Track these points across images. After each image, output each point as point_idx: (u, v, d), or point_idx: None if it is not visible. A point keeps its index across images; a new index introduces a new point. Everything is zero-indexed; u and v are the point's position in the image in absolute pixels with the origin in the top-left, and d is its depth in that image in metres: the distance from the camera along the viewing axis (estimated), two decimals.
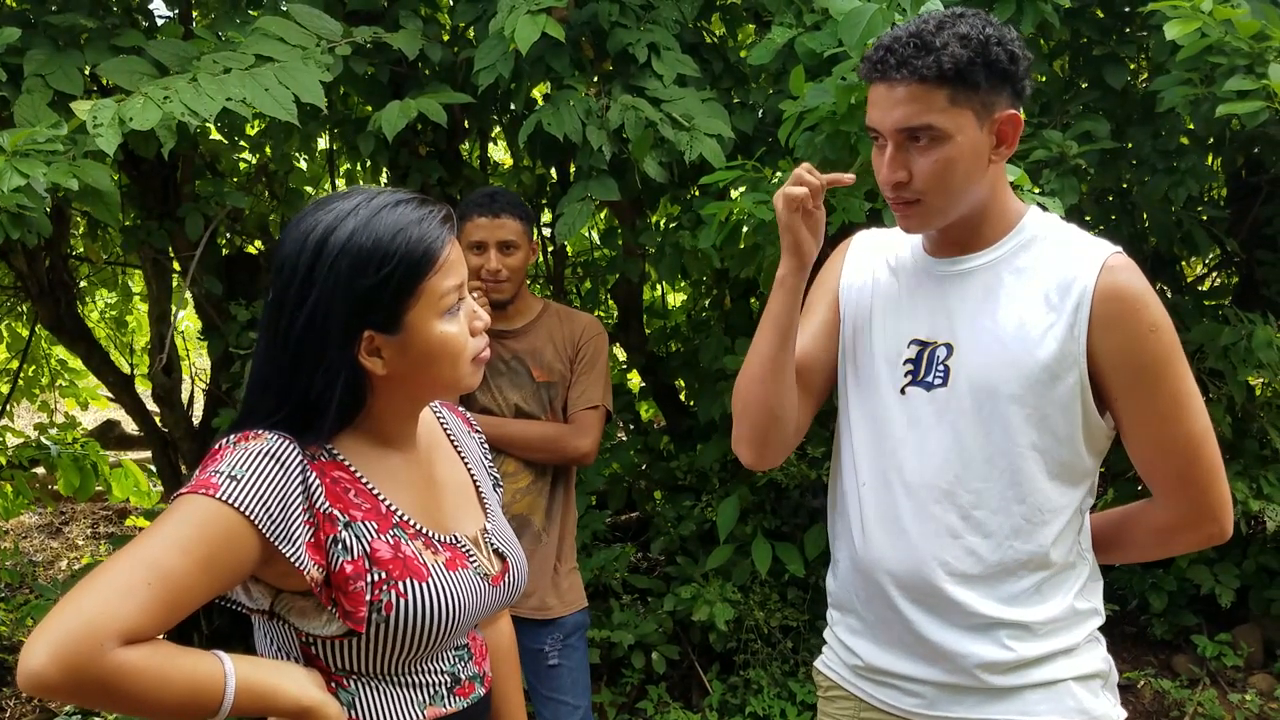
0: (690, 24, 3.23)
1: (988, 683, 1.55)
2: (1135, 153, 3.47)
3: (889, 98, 1.47)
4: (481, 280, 2.51)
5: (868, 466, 1.64)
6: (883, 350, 1.63)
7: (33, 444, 4.78)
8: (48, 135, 2.30)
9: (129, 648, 1.08)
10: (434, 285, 1.26)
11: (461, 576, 1.33)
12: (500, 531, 1.47)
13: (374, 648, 1.27)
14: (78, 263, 4.48)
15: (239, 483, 1.16)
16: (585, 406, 2.61)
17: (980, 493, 1.53)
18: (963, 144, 1.47)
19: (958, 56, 1.42)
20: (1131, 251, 4.32)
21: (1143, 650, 4.25)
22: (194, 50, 2.72)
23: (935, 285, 1.60)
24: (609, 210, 3.95)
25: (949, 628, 1.56)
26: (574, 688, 2.63)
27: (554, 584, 2.61)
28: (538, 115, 2.80)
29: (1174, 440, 1.52)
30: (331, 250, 1.22)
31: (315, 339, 1.23)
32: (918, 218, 1.54)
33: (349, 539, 1.24)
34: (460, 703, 1.37)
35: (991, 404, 1.51)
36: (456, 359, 1.30)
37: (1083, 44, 3.51)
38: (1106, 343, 1.47)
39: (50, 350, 5.55)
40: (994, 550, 1.53)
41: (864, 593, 1.66)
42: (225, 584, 1.18)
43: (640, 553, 4.41)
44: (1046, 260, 1.53)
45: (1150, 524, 1.63)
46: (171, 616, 1.12)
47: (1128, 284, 1.47)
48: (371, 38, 2.88)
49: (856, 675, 1.70)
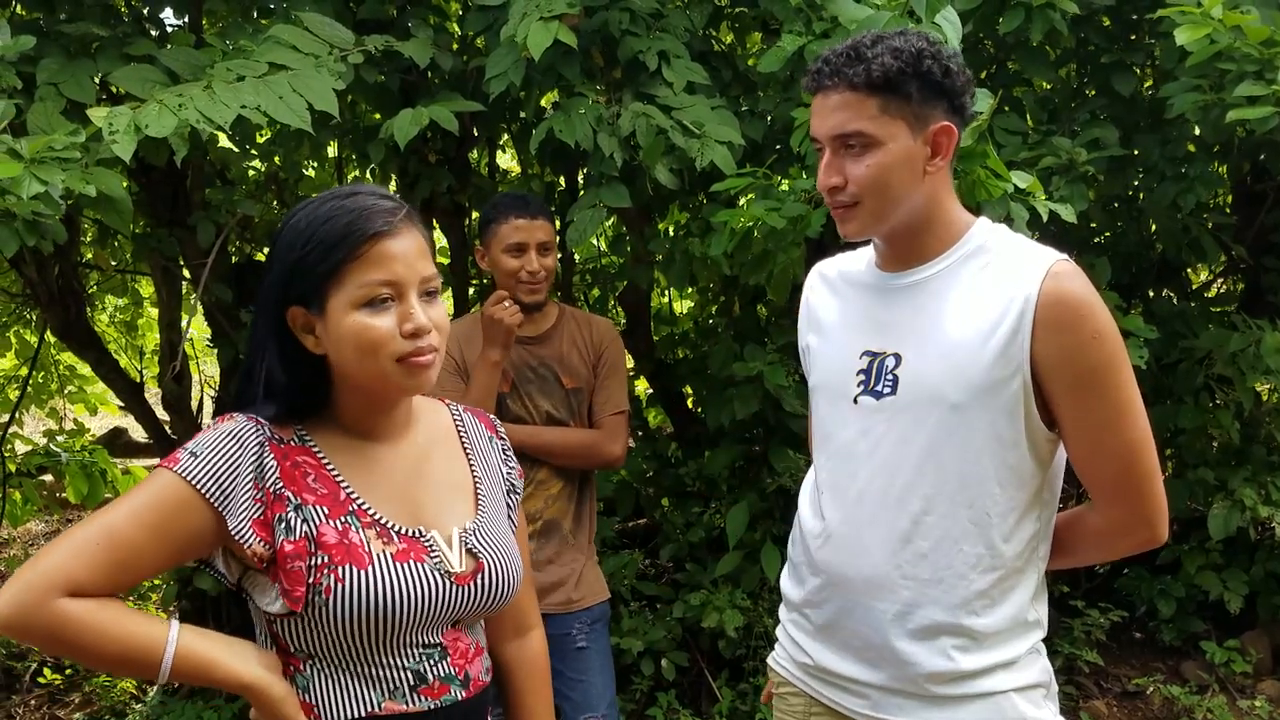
0: (699, 32, 3.25)
1: (931, 691, 1.60)
2: (1143, 159, 3.48)
3: (825, 105, 1.56)
4: (521, 282, 2.53)
5: (825, 474, 1.71)
6: (838, 362, 1.69)
7: (41, 451, 4.79)
8: (65, 142, 2.31)
9: (74, 600, 1.21)
10: (353, 273, 1.30)
11: (412, 569, 1.33)
12: (488, 533, 1.44)
13: (319, 629, 1.31)
14: (87, 270, 4.49)
15: (197, 458, 1.28)
16: (613, 412, 2.66)
17: (930, 498, 1.57)
18: (894, 150, 1.53)
19: (887, 66, 1.50)
20: (1138, 257, 4.31)
21: (1151, 656, 4.25)
22: (206, 58, 2.73)
23: (885, 297, 1.66)
24: (617, 217, 3.96)
25: (897, 634, 1.60)
26: (602, 671, 2.66)
27: (581, 580, 2.65)
28: (549, 122, 2.82)
29: (1113, 446, 1.54)
30: (283, 226, 1.35)
31: (262, 309, 1.35)
32: (855, 221, 1.60)
33: (294, 520, 1.30)
34: (426, 702, 1.37)
35: (939, 411, 1.55)
36: (372, 352, 1.31)
37: (1090, 51, 3.52)
38: (1049, 348, 1.50)
39: (59, 357, 5.56)
40: (943, 554, 1.57)
41: (816, 596, 1.72)
42: (179, 551, 1.28)
43: (649, 559, 4.41)
44: (993, 269, 1.57)
45: (1090, 528, 1.66)
46: (120, 576, 1.24)
47: (1071, 290, 1.51)
48: (383, 46, 2.89)
49: (805, 673, 1.76)
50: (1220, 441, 4.03)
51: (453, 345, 2.57)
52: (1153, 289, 4.25)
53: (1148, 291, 4.21)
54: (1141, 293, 4.18)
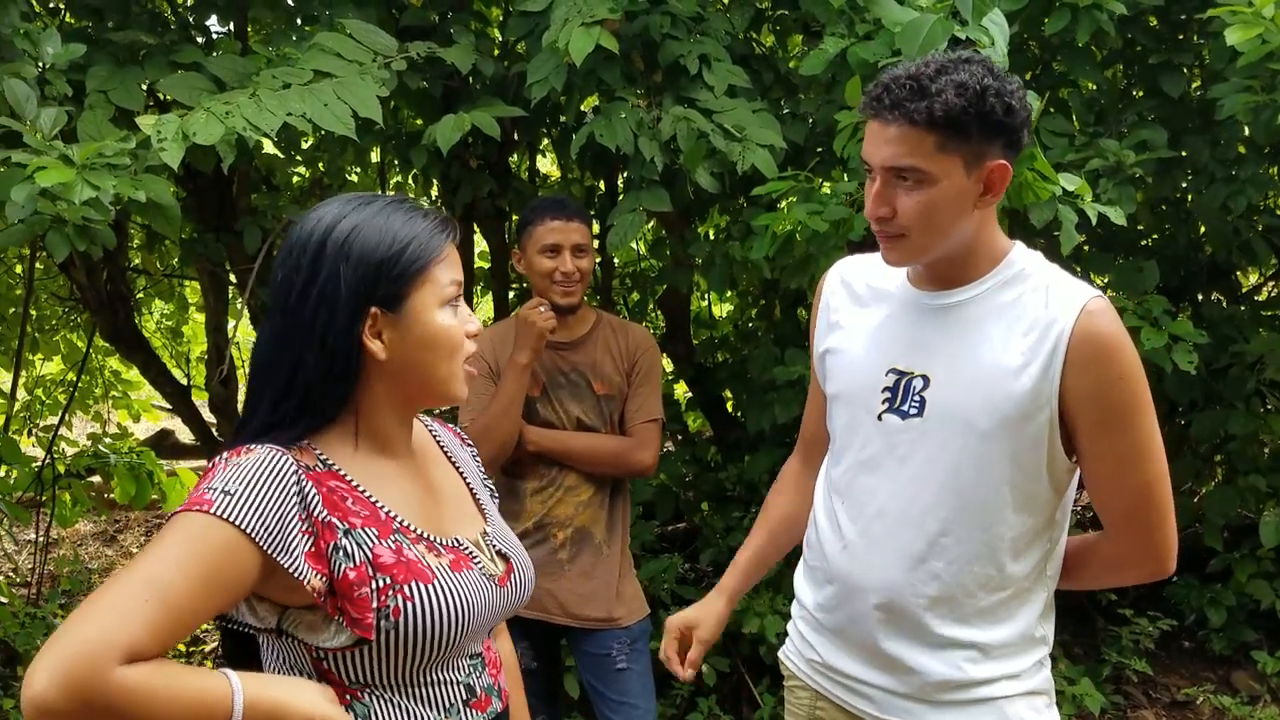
0: (741, 35, 3.23)
1: (936, 697, 1.64)
2: (1192, 161, 3.42)
3: (881, 135, 1.52)
4: (555, 283, 2.53)
5: (843, 484, 1.72)
6: (862, 375, 1.69)
7: (90, 453, 4.87)
8: (115, 149, 2.34)
9: (131, 667, 1.08)
10: (438, 273, 1.31)
11: (467, 578, 1.33)
12: (501, 534, 1.47)
13: (385, 655, 1.26)
14: (135, 275, 4.56)
15: (232, 497, 1.16)
16: (645, 420, 2.64)
17: (948, 521, 1.59)
18: (947, 189, 1.51)
19: (950, 105, 1.46)
20: (1188, 260, 4.25)
21: (1201, 666, 4.17)
22: (251, 66, 2.76)
23: (917, 317, 1.65)
24: (657, 221, 3.96)
25: (907, 645, 1.64)
26: (642, 691, 2.65)
27: (618, 594, 2.63)
28: (590, 127, 2.82)
29: (1130, 483, 1.58)
30: (344, 230, 1.28)
31: (323, 313, 1.26)
32: (900, 251, 1.59)
33: (350, 546, 1.24)
34: (477, 717, 1.36)
35: (964, 437, 1.57)
36: (453, 352, 1.33)
37: (1138, 52, 3.47)
38: (1079, 383, 1.51)
39: (104, 362, 5.65)
40: (955, 574, 1.60)
41: (830, 600, 1.74)
42: (226, 600, 1.18)
43: (689, 564, 4.40)
44: (1027, 299, 1.57)
45: (1101, 555, 1.70)
46: (172, 634, 1.12)
47: (1104, 328, 1.52)
48: (426, 52, 2.91)
49: (813, 669, 1.80)
50: (1271, 448, 3.96)
51: (486, 349, 2.58)
52: (1202, 292, 4.18)
53: (1197, 295, 4.14)
54: (1191, 296, 4.11)
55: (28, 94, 2.41)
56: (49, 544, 4.97)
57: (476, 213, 3.80)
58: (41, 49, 2.57)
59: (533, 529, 2.59)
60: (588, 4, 2.71)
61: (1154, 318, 2.98)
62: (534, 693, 2.70)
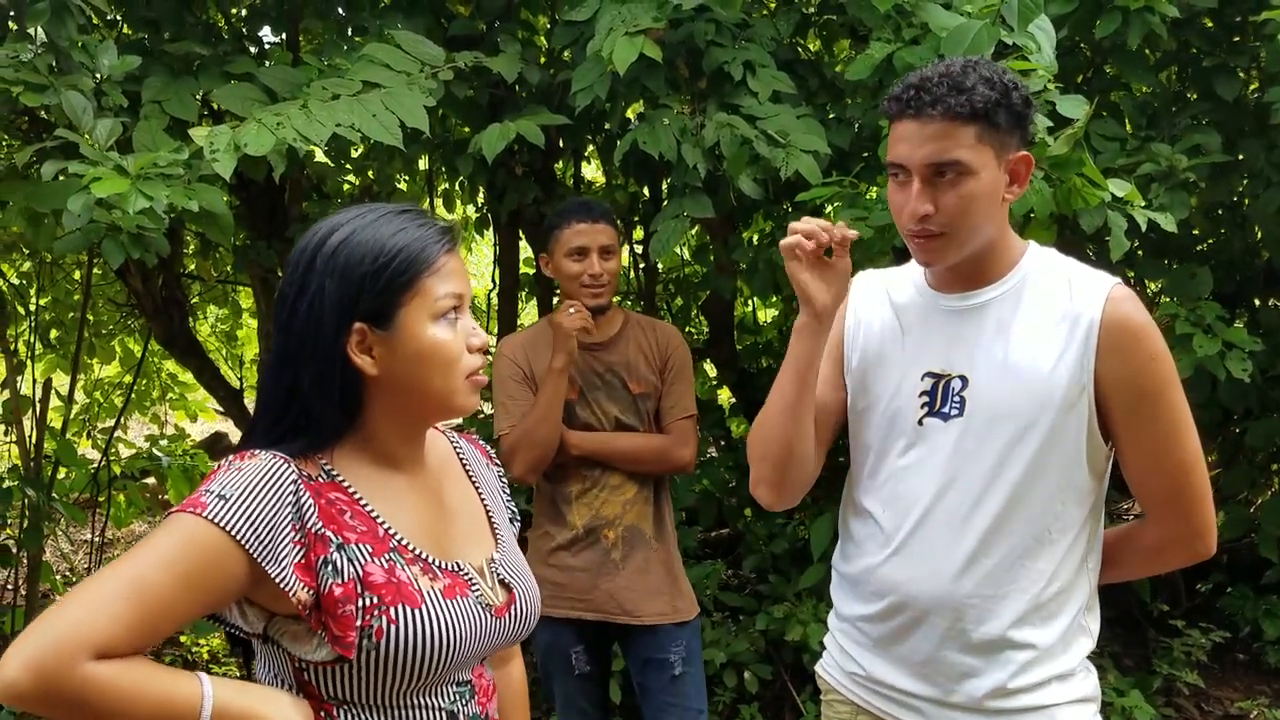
0: (786, 41, 3.23)
1: (986, 705, 1.65)
2: (1248, 165, 3.36)
3: (920, 133, 1.55)
4: (584, 286, 2.55)
5: (888, 493, 1.72)
6: (897, 384, 1.71)
7: (144, 455, 4.97)
8: (169, 159, 2.39)
9: (102, 662, 1.09)
10: (429, 285, 1.27)
11: (460, 605, 1.28)
12: (511, 562, 1.42)
13: (366, 676, 1.24)
14: (190, 281, 4.65)
15: (227, 501, 1.16)
16: (681, 416, 2.67)
17: (998, 517, 1.61)
18: (985, 180, 1.56)
19: (986, 97, 1.53)
20: (1243, 266, 4.18)
21: (1255, 679, 4.09)
22: (302, 76, 2.81)
23: (946, 319, 1.68)
24: (701, 227, 3.96)
25: (961, 649, 1.65)
26: (698, 694, 2.67)
27: (677, 588, 2.66)
28: (634, 134, 2.83)
29: (1168, 463, 1.62)
30: (333, 243, 1.26)
31: (311, 328, 1.24)
32: (938, 251, 1.61)
33: (340, 561, 1.22)
34: None
35: (1008, 432, 1.60)
36: (448, 367, 1.28)
37: (1191, 55, 3.41)
38: (1111, 370, 1.56)
39: (160, 365, 5.77)
40: (1007, 570, 1.62)
41: (875, 611, 1.73)
42: (209, 603, 1.18)
43: (731, 570, 4.39)
44: (1052, 293, 1.62)
45: (1141, 543, 1.73)
46: (150, 632, 1.13)
47: (1131, 314, 1.57)
48: (473, 62, 2.94)
49: (854, 682, 1.79)
50: None
51: (519, 356, 2.62)
52: (1258, 298, 4.10)
53: (1253, 300, 4.06)
54: (1246, 302, 4.03)
55: (85, 105, 2.47)
56: (104, 544, 5.08)
57: (522, 219, 3.82)
58: (98, 61, 2.63)
59: (583, 534, 2.61)
60: (632, 13, 2.72)
61: (1207, 324, 2.93)
62: (588, 698, 2.73)
